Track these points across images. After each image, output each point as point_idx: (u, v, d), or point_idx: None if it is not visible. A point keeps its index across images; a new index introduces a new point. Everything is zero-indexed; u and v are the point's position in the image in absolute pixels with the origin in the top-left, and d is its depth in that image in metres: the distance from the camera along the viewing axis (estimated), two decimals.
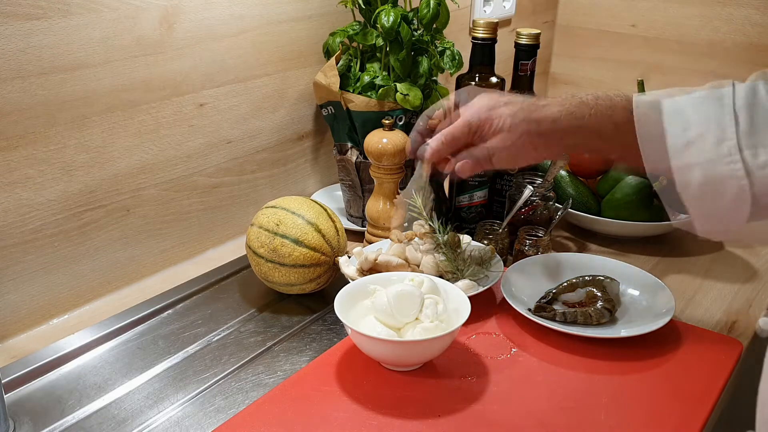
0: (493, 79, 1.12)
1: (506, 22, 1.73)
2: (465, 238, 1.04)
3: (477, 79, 1.11)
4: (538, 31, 1.13)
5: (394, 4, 1.12)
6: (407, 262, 0.97)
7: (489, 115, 0.87)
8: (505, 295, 0.95)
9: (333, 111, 1.18)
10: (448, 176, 1.13)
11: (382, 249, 0.99)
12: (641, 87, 1.24)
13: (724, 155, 0.76)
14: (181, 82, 1.03)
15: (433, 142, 0.90)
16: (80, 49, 0.89)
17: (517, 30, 1.14)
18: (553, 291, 0.97)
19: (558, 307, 0.94)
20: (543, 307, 0.94)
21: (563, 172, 1.23)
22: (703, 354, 0.89)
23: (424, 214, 0.98)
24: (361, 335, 0.80)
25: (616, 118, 0.83)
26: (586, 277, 0.98)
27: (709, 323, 0.98)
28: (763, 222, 0.80)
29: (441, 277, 0.94)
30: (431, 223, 1.01)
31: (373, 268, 0.96)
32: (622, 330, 0.91)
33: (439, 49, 1.17)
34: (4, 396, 0.76)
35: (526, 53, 1.14)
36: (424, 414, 0.77)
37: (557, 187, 1.21)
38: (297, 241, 0.95)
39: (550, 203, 1.11)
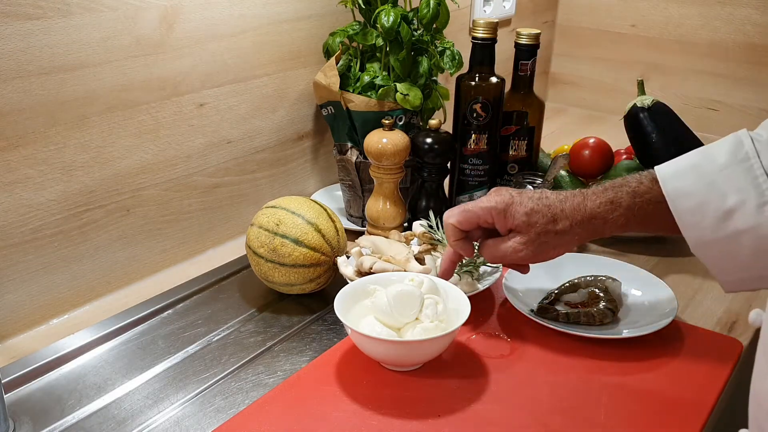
0: (493, 79, 1.12)
1: (506, 22, 1.73)
2: None
3: (477, 79, 1.11)
4: (538, 31, 1.13)
5: (394, 4, 1.12)
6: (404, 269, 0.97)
7: (506, 210, 0.85)
8: (507, 296, 0.95)
9: (333, 111, 1.18)
10: (448, 176, 1.14)
11: (382, 256, 0.99)
12: (641, 87, 1.24)
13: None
14: (181, 82, 1.03)
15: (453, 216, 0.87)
16: (80, 49, 0.89)
17: (517, 30, 1.14)
18: (555, 291, 0.97)
19: (560, 308, 0.94)
20: (546, 308, 0.94)
21: (563, 172, 1.23)
22: (703, 354, 0.89)
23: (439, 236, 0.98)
24: (361, 335, 0.80)
25: (660, 207, 0.81)
26: (588, 278, 0.98)
27: (709, 323, 0.98)
28: None
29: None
30: (431, 223, 1.01)
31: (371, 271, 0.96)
32: (624, 330, 0.91)
33: (439, 49, 1.17)
34: (4, 396, 0.76)
35: (526, 53, 1.14)
36: (424, 414, 0.77)
37: (557, 187, 1.21)
38: (297, 241, 0.95)
39: None
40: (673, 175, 0.80)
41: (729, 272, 0.80)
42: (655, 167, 0.82)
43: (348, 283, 0.91)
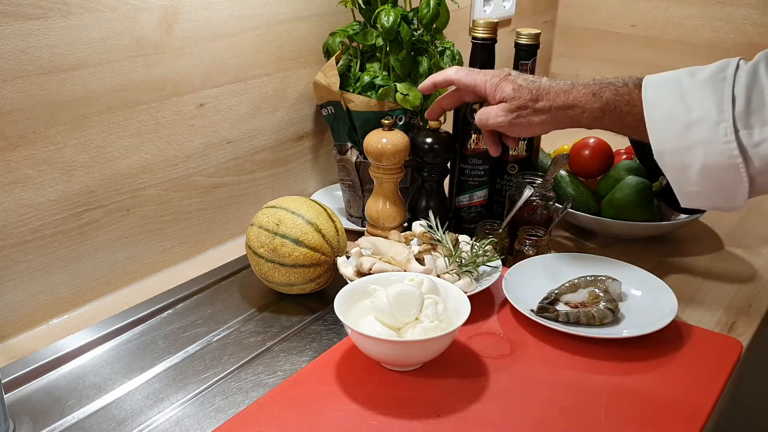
0: None
1: (506, 22, 1.73)
2: (464, 238, 1.04)
3: None
4: (538, 31, 1.13)
5: (394, 4, 1.12)
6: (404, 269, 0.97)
7: (499, 84, 0.95)
8: (507, 296, 0.95)
9: (333, 111, 1.18)
10: (448, 176, 1.14)
11: (383, 257, 0.99)
12: None
13: (720, 136, 0.81)
14: (181, 82, 1.03)
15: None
16: (80, 49, 0.89)
17: (517, 30, 1.14)
18: (555, 291, 0.97)
19: (560, 308, 0.94)
20: (546, 307, 0.94)
21: (563, 172, 1.23)
22: (703, 354, 0.89)
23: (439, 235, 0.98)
24: (361, 335, 0.80)
25: (634, 109, 0.88)
26: (588, 277, 0.98)
27: (709, 323, 0.98)
28: None
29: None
30: (430, 223, 1.01)
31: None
32: (624, 330, 0.91)
33: (439, 49, 1.17)
34: (4, 396, 0.76)
35: (526, 53, 1.14)
36: (424, 414, 0.77)
37: (557, 187, 1.21)
38: (297, 241, 0.95)
39: (550, 203, 1.11)
40: (654, 84, 0.87)
41: (683, 184, 0.86)
42: (646, 76, 0.88)
43: (348, 283, 0.91)
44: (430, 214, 1.02)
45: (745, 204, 0.85)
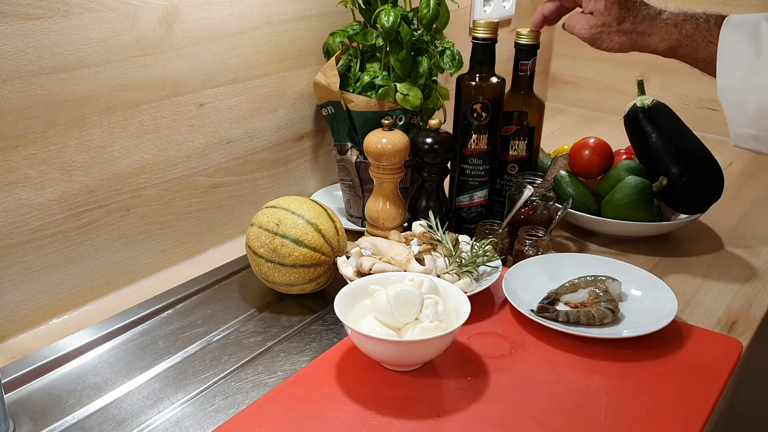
0: (494, 79, 1.12)
1: (506, 22, 1.73)
2: (464, 238, 1.04)
3: (477, 79, 1.11)
4: (539, 31, 1.13)
5: (394, 4, 1.12)
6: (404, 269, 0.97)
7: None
8: (507, 296, 0.95)
9: (333, 111, 1.18)
10: (448, 176, 1.14)
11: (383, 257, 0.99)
12: (641, 87, 1.24)
13: None
14: (181, 82, 1.03)
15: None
16: (80, 49, 0.89)
17: (517, 30, 1.14)
18: (555, 291, 0.97)
19: (560, 308, 0.94)
20: (546, 307, 0.94)
21: (563, 172, 1.23)
22: (703, 354, 0.89)
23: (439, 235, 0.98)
24: (361, 335, 0.80)
25: (710, 45, 0.92)
26: (588, 278, 0.98)
27: (709, 323, 0.98)
28: None
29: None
30: (430, 223, 1.01)
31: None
32: (624, 330, 0.92)
33: (439, 49, 1.17)
34: (4, 396, 0.76)
35: (526, 53, 1.14)
36: (424, 414, 0.77)
37: (557, 187, 1.21)
38: (297, 241, 0.95)
39: (550, 203, 1.11)
40: (735, 24, 0.90)
41: (738, 123, 0.90)
42: (731, 16, 0.92)
43: (348, 283, 0.91)
44: (430, 214, 1.02)
45: None
